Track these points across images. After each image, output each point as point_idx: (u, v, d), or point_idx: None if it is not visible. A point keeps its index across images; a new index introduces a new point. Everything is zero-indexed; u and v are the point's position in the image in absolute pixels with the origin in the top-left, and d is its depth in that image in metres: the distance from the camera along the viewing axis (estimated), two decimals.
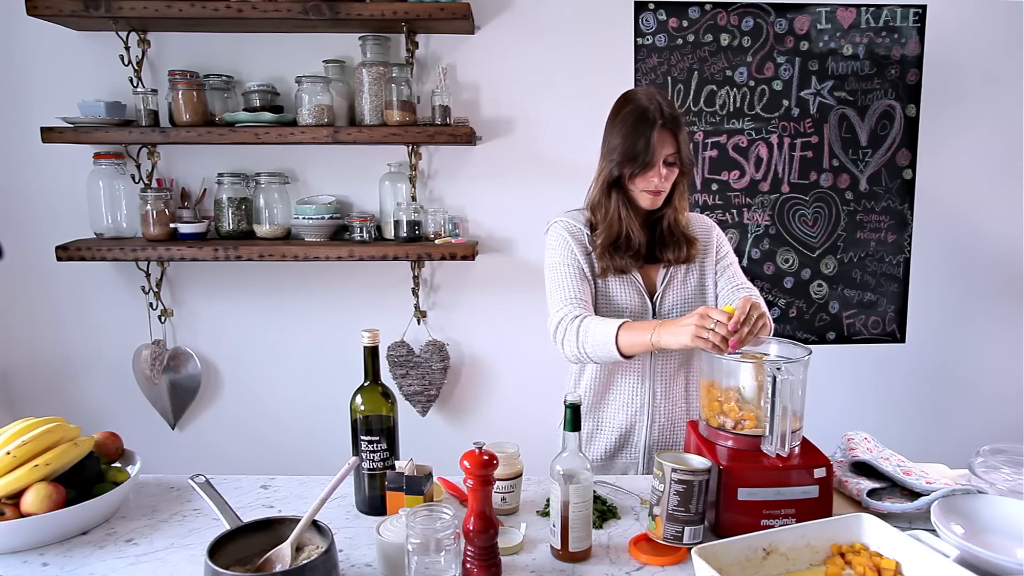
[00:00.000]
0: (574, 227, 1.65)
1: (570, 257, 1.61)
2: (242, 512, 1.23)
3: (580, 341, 1.50)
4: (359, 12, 2.22)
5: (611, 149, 1.58)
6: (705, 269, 1.69)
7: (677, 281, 1.66)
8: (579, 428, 1.20)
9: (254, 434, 2.64)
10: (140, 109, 2.34)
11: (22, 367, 2.59)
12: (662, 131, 1.54)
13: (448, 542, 1.06)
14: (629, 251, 1.61)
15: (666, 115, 1.54)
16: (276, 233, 2.44)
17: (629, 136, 1.54)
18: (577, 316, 1.53)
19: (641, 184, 1.57)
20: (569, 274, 1.60)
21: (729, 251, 1.74)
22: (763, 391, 1.25)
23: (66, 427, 1.33)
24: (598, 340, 1.47)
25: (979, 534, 1.17)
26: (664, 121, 1.54)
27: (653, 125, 1.53)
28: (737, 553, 1.08)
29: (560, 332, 1.54)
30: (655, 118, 1.53)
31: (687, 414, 1.69)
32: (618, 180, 1.58)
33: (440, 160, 2.52)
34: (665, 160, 1.55)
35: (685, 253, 1.64)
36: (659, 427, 1.67)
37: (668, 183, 1.58)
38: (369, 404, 1.36)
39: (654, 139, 1.52)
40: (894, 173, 2.59)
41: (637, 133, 1.54)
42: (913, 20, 2.51)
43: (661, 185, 1.56)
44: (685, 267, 1.66)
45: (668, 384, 1.67)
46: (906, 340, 2.69)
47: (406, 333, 2.58)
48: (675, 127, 1.55)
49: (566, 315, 1.54)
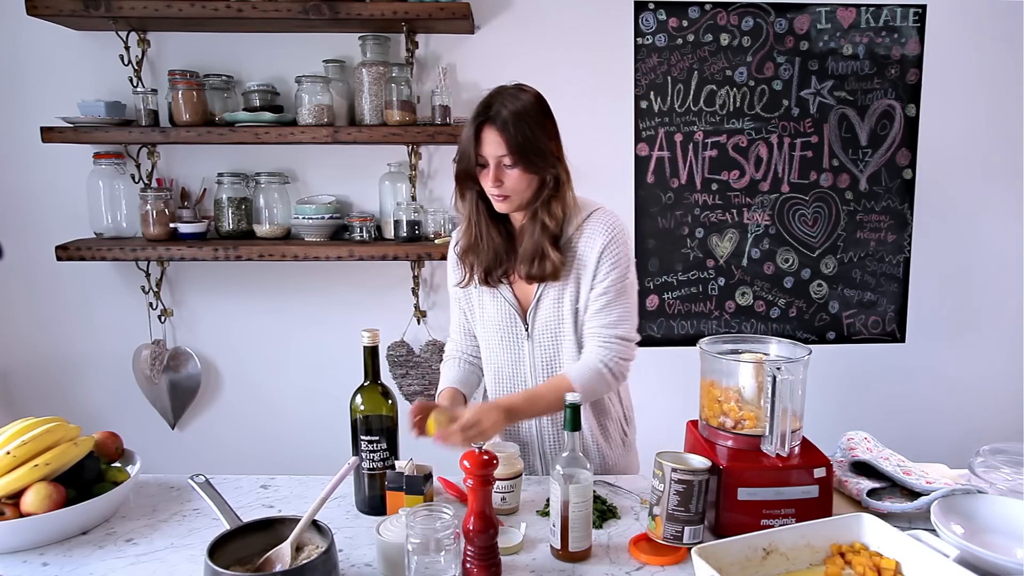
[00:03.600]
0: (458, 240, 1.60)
1: (453, 283, 1.62)
2: (242, 512, 1.23)
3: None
4: (359, 12, 2.22)
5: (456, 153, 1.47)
6: (580, 290, 1.49)
7: (548, 299, 1.50)
8: (579, 428, 1.20)
9: (254, 434, 2.64)
10: (140, 109, 2.34)
11: (22, 367, 2.59)
12: (487, 128, 1.39)
13: (448, 542, 1.06)
14: (486, 261, 1.51)
15: (492, 112, 1.39)
16: (276, 233, 2.44)
17: (463, 139, 1.43)
18: (451, 357, 1.69)
19: (484, 185, 1.45)
20: (454, 304, 1.67)
21: (613, 269, 1.47)
22: (763, 391, 1.25)
23: (66, 427, 1.34)
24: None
25: (979, 534, 1.17)
26: (488, 118, 1.39)
27: (474, 121, 1.40)
28: (737, 553, 1.08)
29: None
30: (479, 116, 1.40)
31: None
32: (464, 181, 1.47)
33: (440, 160, 2.52)
34: (499, 163, 1.41)
35: (541, 270, 1.46)
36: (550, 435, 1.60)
37: (512, 185, 1.42)
38: (369, 404, 1.36)
39: (478, 137, 1.40)
40: (894, 173, 2.59)
41: (467, 135, 1.42)
42: (913, 20, 2.51)
43: (498, 189, 1.42)
44: (561, 285, 1.49)
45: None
46: (906, 340, 2.69)
47: (406, 333, 2.58)
48: (502, 123, 1.38)
49: (447, 353, 1.72)
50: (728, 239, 2.61)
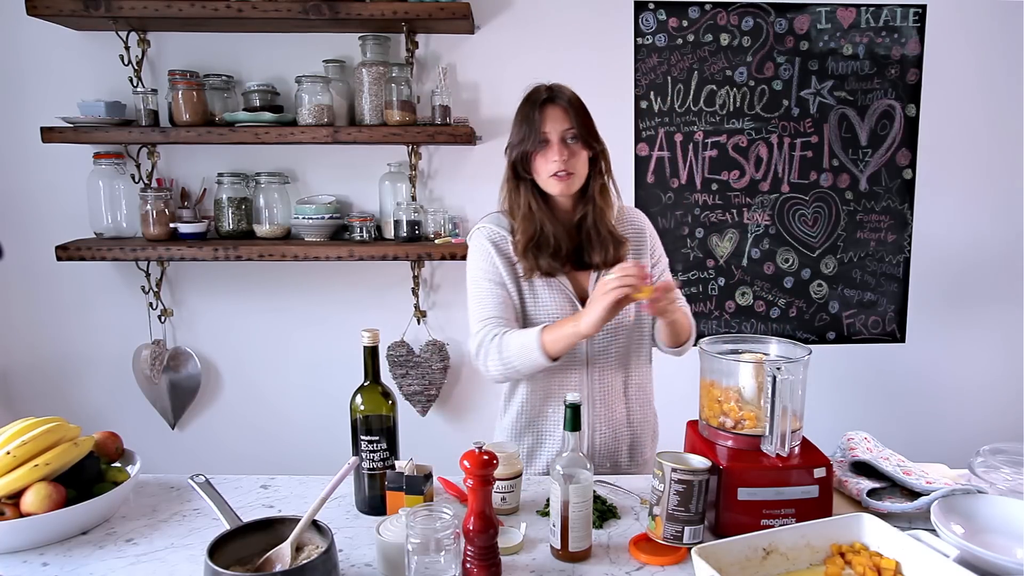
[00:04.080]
0: (496, 233, 1.57)
1: (491, 270, 1.55)
2: (242, 512, 1.23)
3: (503, 356, 1.46)
4: (359, 12, 2.22)
5: (509, 142, 1.53)
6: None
7: None
8: (579, 428, 1.20)
9: (254, 434, 2.64)
10: (140, 109, 2.34)
11: (22, 367, 2.59)
12: (551, 107, 1.49)
13: (448, 542, 1.06)
14: (550, 250, 1.52)
15: (554, 91, 1.50)
16: (276, 233, 2.44)
17: (519, 121, 1.51)
18: (495, 335, 1.49)
19: (543, 168, 1.49)
20: (488, 289, 1.54)
21: (662, 254, 1.66)
22: (763, 391, 1.25)
23: (66, 427, 1.33)
24: (521, 349, 1.44)
25: (979, 534, 1.17)
26: (550, 96, 1.50)
27: (536, 103, 1.49)
28: (737, 553, 1.08)
29: (481, 355, 1.50)
30: (539, 96, 1.50)
31: (628, 421, 1.64)
32: (518, 171, 1.53)
33: (440, 160, 2.52)
34: (563, 138, 1.48)
35: (613, 255, 1.54)
36: (600, 436, 1.61)
37: (576, 163, 1.49)
38: (369, 404, 1.36)
39: (540, 115, 1.48)
40: (894, 173, 2.59)
41: (525, 114, 1.50)
42: (913, 20, 2.51)
43: (564, 164, 1.47)
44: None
45: (607, 392, 1.60)
46: (906, 340, 2.69)
47: (406, 333, 2.58)
48: (565, 102, 1.49)
49: (485, 336, 1.50)
50: (728, 239, 2.61)
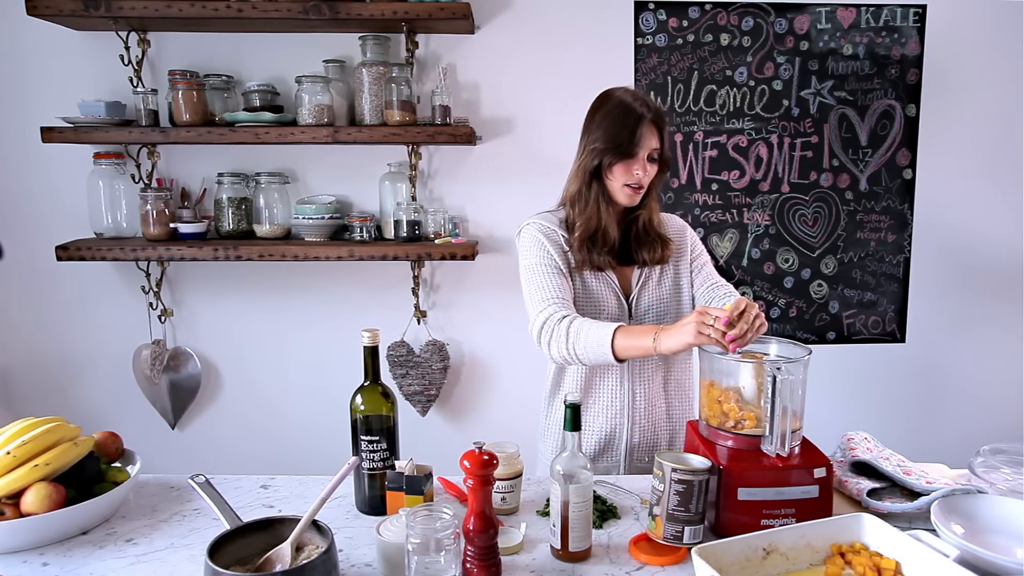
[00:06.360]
0: (547, 228, 1.62)
1: (547, 257, 1.59)
2: (242, 512, 1.23)
3: (571, 343, 1.47)
4: (359, 12, 2.22)
5: (593, 140, 1.56)
6: (680, 270, 1.68)
7: (652, 282, 1.65)
8: (579, 428, 1.20)
9: (254, 434, 2.64)
10: (140, 109, 2.34)
11: (22, 367, 2.59)
12: (649, 125, 1.54)
13: (448, 542, 1.06)
14: (605, 246, 1.59)
15: (653, 109, 1.55)
16: (276, 233, 2.44)
17: (614, 127, 1.53)
18: (565, 316, 1.50)
19: (622, 177, 1.55)
20: (548, 273, 1.57)
21: (702, 250, 1.74)
22: (763, 391, 1.25)
23: (66, 427, 1.33)
24: (591, 343, 1.45)
25: (979, 534, 1.17)
26: (652, 115, 1.54)
27: (641, 118, 1.53)
28: (737, 553, 1.08)
29: (546, 333, 1.51)
30: (643, 111, 1.53)
31: (667, 416, 1.68)
32: (598, 171, 1.56)
33: (440, 160, 2.52)
34: (649, 155, 1.55)
35: (660, 254, 1.63)
36: (640, 429, 1.65)
37: (649, 179, 1.58)
38: (369, 404, 1.36)
39: (641, 131, 1.52)
40: (894, 173, 2.59)
41: (622, 124, 1.53)
42: (913, 20, 2.51)
43: (643, 179, 1.55)
44: (660, 268, 1.66)
45: (648, 386, 1.64)
46: (906, 340, 2.69)
47: (406, 333, 2.58)
48: (660, 123, 1.56)
49: (551, 315, 1.51)
50: (728, 239, 2.61)
